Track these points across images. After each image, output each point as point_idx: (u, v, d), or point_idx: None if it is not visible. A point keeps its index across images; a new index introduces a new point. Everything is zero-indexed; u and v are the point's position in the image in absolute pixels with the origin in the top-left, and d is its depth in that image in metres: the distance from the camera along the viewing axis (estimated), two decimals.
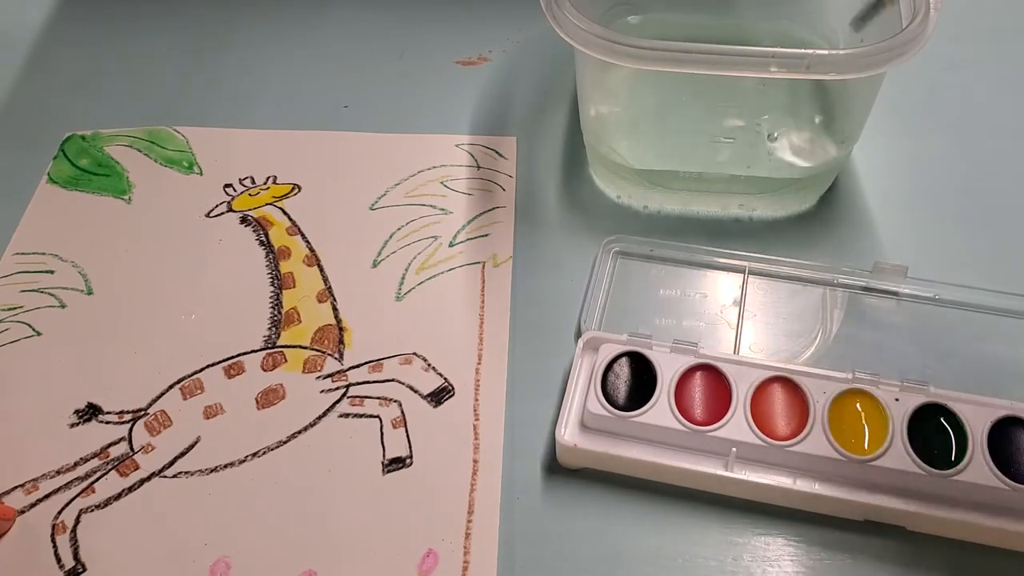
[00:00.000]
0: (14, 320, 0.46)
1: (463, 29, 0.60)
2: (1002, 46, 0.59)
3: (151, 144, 0.54)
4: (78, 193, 0.52)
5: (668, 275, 0.46)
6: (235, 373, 0.43)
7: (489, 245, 0.48)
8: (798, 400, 0.39)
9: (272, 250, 0.48)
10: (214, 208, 0.51)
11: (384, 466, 0.40)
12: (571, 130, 0.54)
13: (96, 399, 0.43)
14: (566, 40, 0.42)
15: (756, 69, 0.40)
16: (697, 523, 0.38)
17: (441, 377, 0.43)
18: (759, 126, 0.48)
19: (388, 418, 0.42)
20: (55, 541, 0.38)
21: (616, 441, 0.39)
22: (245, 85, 0.58)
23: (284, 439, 0.41)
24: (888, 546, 0.37)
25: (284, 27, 0.62)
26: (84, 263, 0.48)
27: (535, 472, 0.40)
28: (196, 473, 0.40)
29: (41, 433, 0.42)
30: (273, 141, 0.54)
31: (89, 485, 0.40)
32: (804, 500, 0.38)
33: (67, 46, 0.61)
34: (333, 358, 0.44)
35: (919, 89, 0.56)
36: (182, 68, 0.59)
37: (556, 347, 0.44)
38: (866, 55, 0.39)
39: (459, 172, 0.52)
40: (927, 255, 0.47)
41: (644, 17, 0.55)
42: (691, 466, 0.38)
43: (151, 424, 0.42)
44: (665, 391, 0.40)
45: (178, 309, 0.46)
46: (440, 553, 0.37)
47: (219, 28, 0.62)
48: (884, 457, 0.37)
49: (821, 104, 0.51)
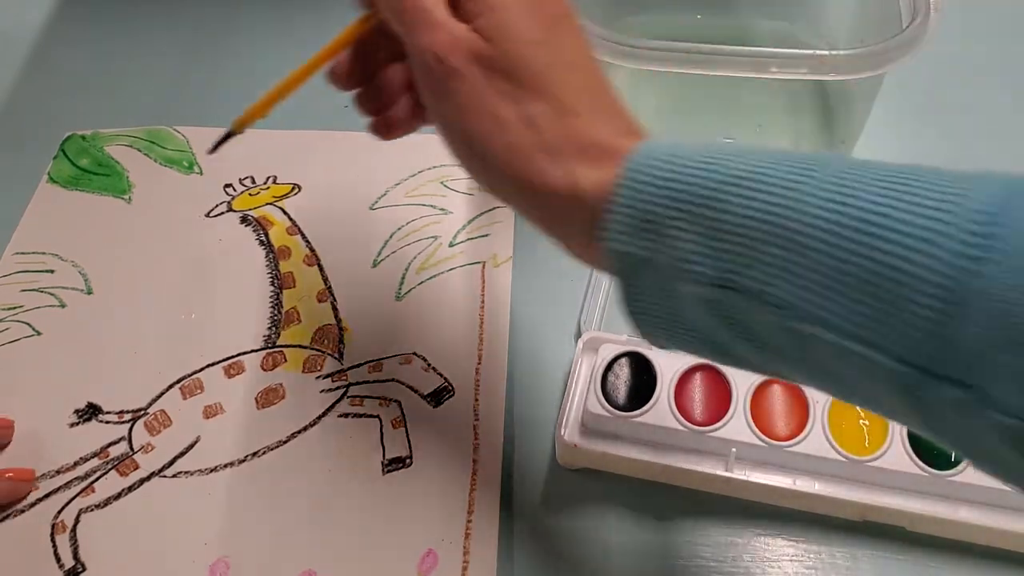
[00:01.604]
0: (14, 320, 0.46)
1: None
2: (1002, 47, 0.59)
3: (151, 144, 0.54)
4: (78, 193, 0.52)
5: None
6: (235, 373, 0.43)
7: (489, 245, 0.48)
8: (798, 400, 0.39)
9: (272, 250, 0.48)
10: (214, 208, 0.51)
11: (384, 466, 0.40)
12: None
13: (96, 399, 0.43)
14: None
15: (756, 70, 0.40)
16: (697, 523, 0.38)
17: (441, 377, 0.43)
18: (759, 126, 0.48)
19: (388, 418, 0.42)
20: (55, 541, 0.38)
21: (616, 441, 0.39)
22: (245, 85, 0.58)
23: (284, 439, 0.41)
24: (888, 546, 0.37)
25: (284, 27, 0.62)
26: (84, 263, 0.48)
27: (535, 472, 0.40)
28: (196, 473, 0.40)
29: (41, 433, 0.42)
30: (273, 141, 0.54)
31: (89, 485, 0.40)
32: (804, 500, 0.38)
33: (67, 46, 0.61)
34: (333, 358, 0.44)
35: (919, 90, 0.56)
36: (182, 68, 0.59)
37: (556, 347, 0.44)
38: (866, 56, 0.39)
39: (459, 172, 0.51)
40: None
41: (644, 17, 0.55)
42: (691, 466, 0.38)
43: (151, 424, 0.42)
44: (665, 391, 0.40)
45: (178, 309, 0.46)
46: (440, 553, 0.37)
47: (219, 28, 0.62)
48: (884, 457, 0.37)
49: (821, 105, 0.51)
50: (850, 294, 0.24)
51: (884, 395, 0.25)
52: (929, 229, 0.23)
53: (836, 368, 0.25)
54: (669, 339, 0.30)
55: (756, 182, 0.26)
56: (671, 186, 0.27)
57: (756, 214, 0.26)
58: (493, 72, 0.30)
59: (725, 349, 0.29)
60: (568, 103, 0.30)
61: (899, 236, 0.23)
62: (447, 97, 0.31)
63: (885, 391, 0.24)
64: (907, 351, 0.23)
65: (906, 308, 0.23)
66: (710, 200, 0.27)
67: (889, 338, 0.23)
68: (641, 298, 0.29)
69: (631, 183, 0.28)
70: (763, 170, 0.26)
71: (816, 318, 0.25)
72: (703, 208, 0.27)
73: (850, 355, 0.24)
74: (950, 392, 0.23)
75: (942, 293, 0.22)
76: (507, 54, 0.30)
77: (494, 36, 0.30)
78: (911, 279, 0.23)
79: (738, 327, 0.27)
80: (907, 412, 0.25)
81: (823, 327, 0.24)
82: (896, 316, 0.23)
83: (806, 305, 0.25)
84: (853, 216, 0.24)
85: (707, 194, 0.27)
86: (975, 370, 0.22)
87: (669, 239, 0.27)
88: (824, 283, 0.24)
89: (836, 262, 0.24)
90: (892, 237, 0.23)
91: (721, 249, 0.26)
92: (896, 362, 0.23)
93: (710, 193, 0.27)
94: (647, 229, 0.28)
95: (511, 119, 0.30)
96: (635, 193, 0.28)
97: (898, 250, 0.23)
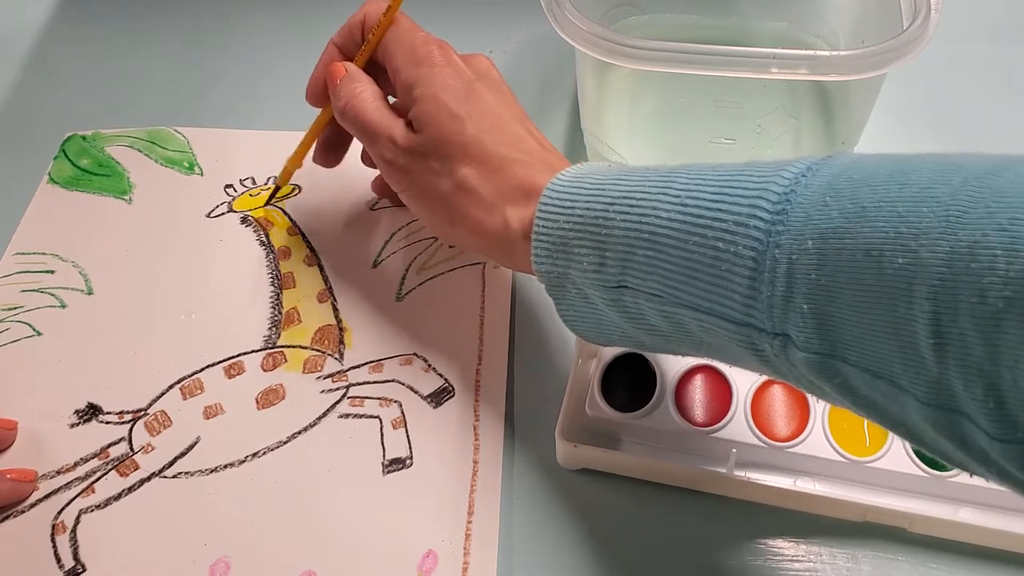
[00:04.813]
0: (14, 320, 0.46)
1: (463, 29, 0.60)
2: (1003, 47, 0.59)
3: (152, 144, 0.54)
4: (79, 193, 0.52)
5: None
6: (235, 373, 0.43)
7: None
8: (799, 401, 0.39)
9: (272, 250, 0.48)
10: (215, 208, 0.51)
11: (384, 467, 0.40)
12: (571, 130, 0.54)
13: (96, 399, 0.43)
14: (567, 40, 0.42)
15: (756, 70, 0.40)
16: (698, 524, 0.38)
17: (441, 378, 0.43)
18: (759, 127, 0.48)
19: (388, 419, 0.42)
20: (55, 541, 0.38)
21: (616, 442, 0.39)
22: (245, 85, 0.58)
23: (284, 439, 0.41)
24: (888, 547, 0.37)
25: (284, 27, 0.62)
26: (84, 263, 0.48)
27: (535, 473, 0.40)
28: (196, 473, 0.40)
29: (41, 433, 0.42)
30: (273, 141, 0.54)
31: (89, 485, 0.40)
32: (804, 501, 0.38)
33: (67, 46, 0.61)
34: (333, 358, 0.44)
35: (920, 91, 0.56)
36: (182, 68, 0.59)
37: (556, 348, 0.44)
38: (867, 56, 0.39)
39: None
40: None
41: (644, 17, 0.55)
42: (691, 467, 0.38)
43: (151, 424, 0.42)
44: (665, 392, 0.40)
45: (178, 309, 0.46)
46: (440, 554, 0.37)
47: (219, 28, 0.62)
48: (884, 458, 0.37)
49: (822, 105, 0.51)
50: (697, 276, 0.29)
51: (739, 354, 0.30)
52: (743, 214, 0.28)
53: (704, 336, 0.30)
54: (598, 337, 0.36)
55: (629, 199, 0.32)
56: (573, 211, 0.33)
57: (630, 225, 0.31)
58: (426, 157, 0.38)
59: (637, 340, 0.34)
60: (490, 161, 0.37)
61: (723, 224, 0.28)
62: (399, 186, 0.40)
63: (737, 349, 0.29)
64: (739, 315, 0.28)
65: (732, 280, 0.28)
66: (598, 219, 0.32)
67: (725, 306, 0.28)
68: (569, 307, 0.35)
69: (544, 214, 0.34)
70: (635, 189, 0.32)
71: (678, 300, 0.30)
72: (594, 227, 0.32)
73: (708, 327, 0.29)
74: (771, 341, 0.28)
75: (751, 264, 0.27)
76: (433, 139, 0.38)
77: (421, 126, 0.38)
78: (733, 256, 0.28)
79: (636, 318, 0.32)
80: (758, 365, 0.30)
81: (684, 307, 0.30)
82: (726, 287, 0.28)
83: (671, 291, 0.30)
84: (693, 214, 0.29)
85: (596, 214, 0.32)
86: (780, 320, 0.27)
87: (576, 255, 0.33)
88: (679, 272, 0.30)
89: (684, 253, 0.29)
90: (718, 225, 0.28)
91: (611, 257, 0.32)
92: (733, 324, 0.28)
93: (598, 213, 0.32)
94: (559, 249, 0.34)
95: (447, 190, 0.38)
96: (548, 221, 0.34)
97: (722, 235, 0.28)
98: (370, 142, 0.40)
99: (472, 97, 0.38)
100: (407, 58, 0.40)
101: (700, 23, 0.55)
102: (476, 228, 0.37)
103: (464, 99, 0.38)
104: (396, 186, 0.40)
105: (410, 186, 0.39)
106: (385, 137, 0.39)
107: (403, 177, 0.39)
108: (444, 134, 0.37)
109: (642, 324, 0.32)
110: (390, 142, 0.39)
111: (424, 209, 0.40)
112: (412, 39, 0.40)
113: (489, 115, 0.38)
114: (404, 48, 0.40)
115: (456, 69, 0.39)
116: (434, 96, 0.38)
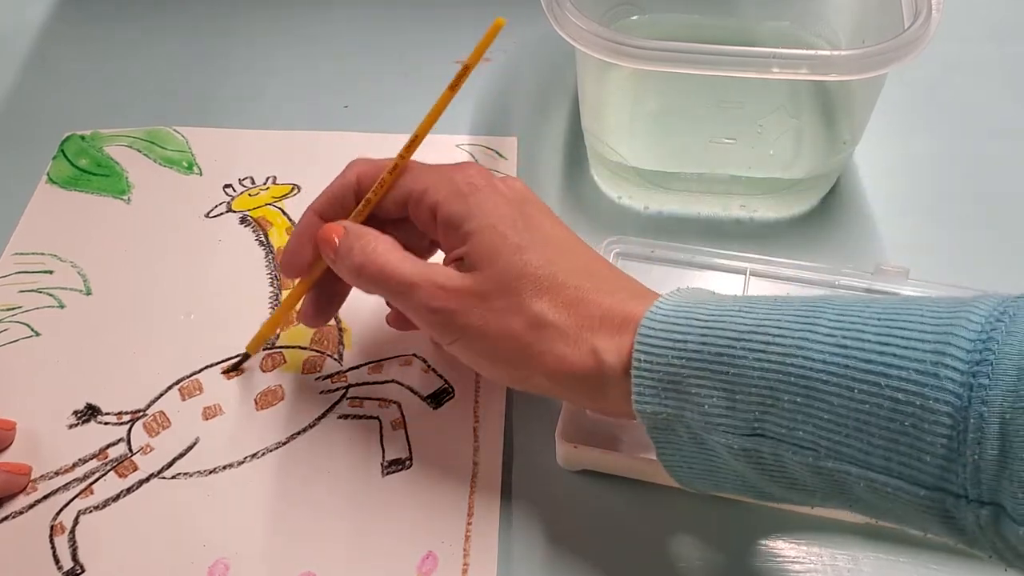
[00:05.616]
0: (13, 320, 0.46)
1: (463, 29, 0.60)
2: (1003, 47, 0.59)
3: (151, 144, 0.54)
4: (77, 193, 0.51)
5: (669, 276, 0.46)
6: (234, 374, 0.43)
7: None
8: None
9: (272, 250, 0.48)
10: (214, 208, 0.50)
11: (383, 468, 0.40)
12: (572, 130, 0.54)
13: (95, 400, 0.43)
14: (567, 40, 0.42)
15: (757, 70, 0.40)
16: (698, 526, 0.38)
17: (441, 378, 0.43)
18: (760, 127, 0.48)
19: (388, 419, 0.41)
20: (53, 542, 0.38)
21: (616, 443, 0.39)
22: (245, 85, 0.58)
23: (283, 440, 0.41)
24: (890, 549, 0.37)
25: (284, 27, 0.62)
26: (83, 263, 0.48)
27: (535, 474, 0.40)
28: (195, 474, 0.40)
29: (40, 434, 0.41)
30: (273, 141, 0.54)
31: (88, 486, 0.40)
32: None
33: (66, 46, 0.61)
34: (332, 359, 0.44)
35: (921, 90, 0.56)
36: (182, 68, 0.59)
37: None
38: (868, 56, 0.39)
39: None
40: (929, 257, 0.46)
41: (645, 17, 0.55)
42: None
43: (150, 425, 0.42)
44: None
45: (177, 309, 0.46)
46: (440, 555, 0.37)
47: (219, 28, 0.62)
48: None
49: (823, 105, 0.51)
50: (868, 430, 0.25)
51: (919, 518, 0.26)
52: (927, 361, 0.24)
53: (869, 498, 0.27)
54: (706, 486, 0.32)
55: (763, 334, 0.28)
56: (685, 345, 0.29)
57: (770, 366, 0.27)
58: (487, 298, 0.33)
59: (762, 490, 0.31)
60: (566, 291, 0.33)
61: (901, 372, 0.25)
62: (452, 335, 0.34)
63: (918, 515, 0.26)
64: (930, 478, 0.25)
65: (921, 438, 0.24)
66: (723, 356, 0.29)
67: (912, 468, 0.25)
68: (675, 452, 0.31)
69: (647, 347, 0.30)
70: (769, 323, 0.28)
71: (842, 456, 0.26)
72: (718, 364, 0.29)
73: (879, 486, 0.26)
74: (977, 511, 0.24)
75: (947, 420, 0.24)
76: (496, 276, 0.33)
77: (479, 263, 0.33)
78: (920, 410, 0.24)
79: (771, 470, 0.29)
80: (943, 532, 0.26)
81: (850, 463, 0.26)
82: (913, 447, 0.25)
83: (830, 445, 0.26)
84: (858, 358, 0.26)
85: (720, 351, 0.29)
86: (990, 488, 0.23)
87: (693, 396, 0.29)
88: (843, 423, 0.26)
89: (850, 403, 0.26)
90: (895, 373, 0.25)
91: (744, 401, 0.28)
92: (922, 489, 0.25)
93: (722, 349, 0.29)
94: (671, 388, 0.30)
95: (519, 328, 0.33)
96: (652, 356, 0.30)
97: (903, 384, 0.25)
98: (406, 296, 0.35)
99: (530, 224, 0.34)
100: (448, 190, 0.35)
101: (701, 23, 0.55)
102: (558, 366, 0.32)
103: (523, 227, 0.34)
104: (447, 336, 0.35)
105: (465, 332, 0.34)
106: (427, 286, 0.34)
107: (454, 321, 0.34)
108: (510, 267, 0.33)
109: (780, 477, 0.29)
110: (436, 289, 0.34)
111: (485, 355, 0.34)
112: (439, 172, 0.36)
113: (553, 242, 0.34)
114: (437, 182, 0.36)
115: (502, 193, 0.35)
116: (491, 227, 0.34)
